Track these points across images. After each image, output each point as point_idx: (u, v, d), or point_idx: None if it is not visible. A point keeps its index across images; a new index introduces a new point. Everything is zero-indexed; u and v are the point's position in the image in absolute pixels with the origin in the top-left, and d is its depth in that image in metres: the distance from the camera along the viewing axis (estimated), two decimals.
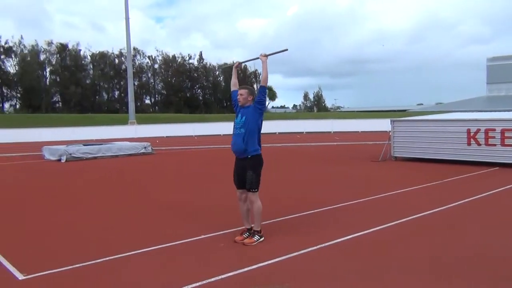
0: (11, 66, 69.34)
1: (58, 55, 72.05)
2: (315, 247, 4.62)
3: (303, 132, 36.26)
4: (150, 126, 38.72)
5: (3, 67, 67.67)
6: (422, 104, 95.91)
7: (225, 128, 39.27)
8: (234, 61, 5.55)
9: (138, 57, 78.79)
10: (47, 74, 72.46)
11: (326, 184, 9.33)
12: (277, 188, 8.69)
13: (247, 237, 4.96)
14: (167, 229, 5.59)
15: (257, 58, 5.17)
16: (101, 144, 17.54)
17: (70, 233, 5.53)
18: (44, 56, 71.24)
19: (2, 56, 67.18)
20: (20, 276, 3.89)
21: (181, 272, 3.96)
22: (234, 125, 5.07)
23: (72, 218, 6.40)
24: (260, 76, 5.13)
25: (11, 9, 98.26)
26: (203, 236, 5.13)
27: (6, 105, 70.85)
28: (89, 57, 75.48)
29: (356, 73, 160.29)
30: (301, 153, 17.34)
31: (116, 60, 76.92)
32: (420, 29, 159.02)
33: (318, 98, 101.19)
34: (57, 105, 72.85)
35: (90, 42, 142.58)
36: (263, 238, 4.94)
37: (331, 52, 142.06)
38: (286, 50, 5.10)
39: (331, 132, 35.47)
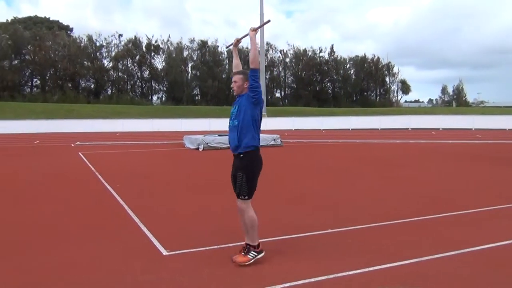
0: (159, 62, 77.27)
1: (198, 51, 77.96)
2: (454, 252, 4.28)
3: (439, 129, 33.72)
4: (280, 119, 39.69)
5: (152, 63, 75.74)
6: None
7: (354, 122, 38.49)
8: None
9: (270, 51, 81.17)
10: (189, 69, 79.02)
11: (467, 185, 8.56)
12: (410, 186, 8.25)
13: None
14: (296, 220, 5.70)
15: (247, 34, 4.22)
16: None
17: (208, 216, 5.97)
18: (187, 52, 77.73)
19: (152, 54, 75.13)
20: (164, 252, 4.34)
21: (302, 266, 4.00)
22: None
23: (209, 202, 6.90)
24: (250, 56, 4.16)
25: (156, 10, 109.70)
26: (330, 230, 5.12)
27: (154, 98, 79.19)
28: (225, 53, 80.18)
29: (503, 63, 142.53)
30: (436, 151, 16.16)
31: None
32: None
33: (459, 92, 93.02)
34: (196, 97, 78.95)
35: (224, 38, 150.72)
36: (262, 254, 4.05)
37: (472, 42, 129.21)
38: (269, 21, 4.30)
39: (472, 129, 32.37)
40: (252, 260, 3.98)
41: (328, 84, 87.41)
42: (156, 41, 75.74)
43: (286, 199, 7.11)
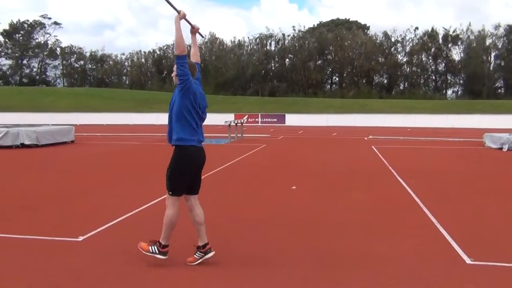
0: (456, 54, 72.06)
1: (505, 38, 68.50)
2: None
3: None
4: None
5: (449, 55, 71.24)
6: None
7: None
8: None
9: None
10: (491, 59, 70.47)
11: None
12: None
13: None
14: None
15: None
16: None
17: None
18: (490, 40, 69.48)
19: (449, 45, 70.69)
20: (468, 260, 3.98)
21: None
22: None
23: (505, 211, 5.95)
24: None
25: None
26: None
27: (449, 92, 74.37)
28: None
29: None
30: None
31: None
32: None
33: None
34: (499, 91, 69.85)
35: None
36: (163, 257, 3.77)
37: None
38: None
39: None
40: (151, 254, 3.77)
41: None
42: (454, 31, 70.65)
43: None
